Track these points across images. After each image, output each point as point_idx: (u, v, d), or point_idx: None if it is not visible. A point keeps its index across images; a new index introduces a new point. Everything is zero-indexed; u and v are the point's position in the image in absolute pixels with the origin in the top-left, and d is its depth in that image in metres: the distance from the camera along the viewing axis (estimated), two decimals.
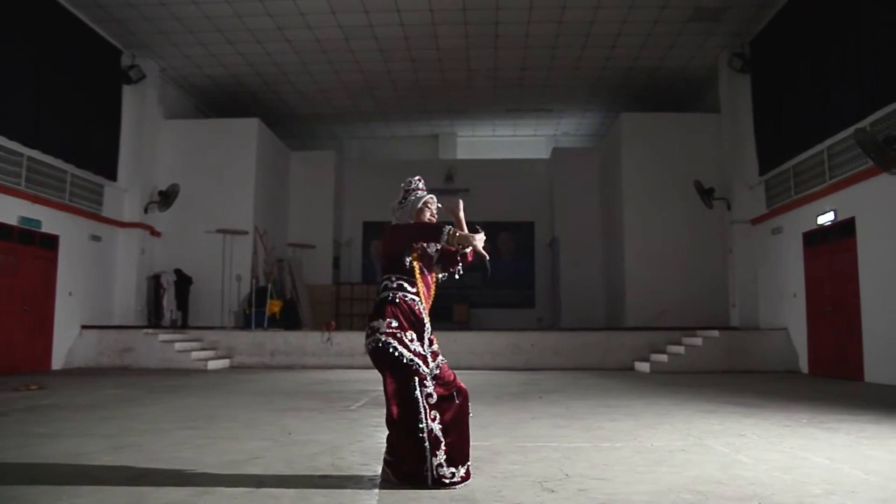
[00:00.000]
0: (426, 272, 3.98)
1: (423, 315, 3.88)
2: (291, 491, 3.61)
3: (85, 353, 13.44)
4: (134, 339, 13.60)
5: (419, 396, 3.70)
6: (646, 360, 13.40)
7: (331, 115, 19.54)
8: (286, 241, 18.98)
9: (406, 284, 3.88)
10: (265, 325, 15.25)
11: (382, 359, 3.75)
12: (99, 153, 14.10)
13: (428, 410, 3.70)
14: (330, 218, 19.89)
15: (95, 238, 13.97)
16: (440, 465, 3.65)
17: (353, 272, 20.80)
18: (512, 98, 17.92)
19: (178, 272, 15.78)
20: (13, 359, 11.77)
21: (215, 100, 17.96)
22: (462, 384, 3.91)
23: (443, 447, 3.67)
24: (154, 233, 15.73)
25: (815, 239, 12.02)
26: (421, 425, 3.65)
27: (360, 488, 3.68)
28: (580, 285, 18.57)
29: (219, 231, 15.74)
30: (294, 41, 14.55)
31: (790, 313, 12.84)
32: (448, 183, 20.59)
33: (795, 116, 12.37)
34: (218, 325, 15.58)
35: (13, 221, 11.68)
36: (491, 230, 16.86)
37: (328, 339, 14.44)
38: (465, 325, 18.94)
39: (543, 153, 20.79)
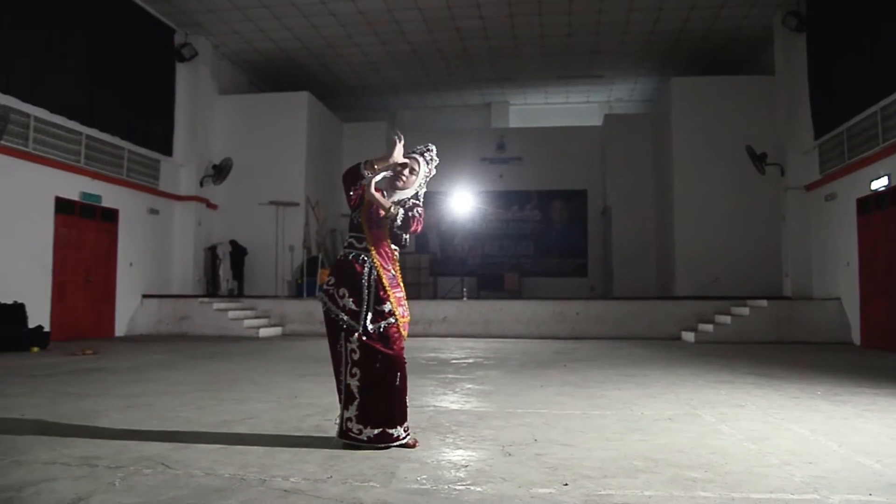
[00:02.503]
0: (378, 227, 3.91)
1: (366, 270, 3.86)
2: (263, 448, 3.83)
3: (146, 320, 14.20)
4: (190, 307, 14.26)
5: (342, 350, 3.86)
6: (692, 329, 13.21)
7: (382, 86, 19.70)
8: (339, 212, 19.36)
9: (354, 241, 3.96)
10: (316, 293, 15.72)
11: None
12: (155, 130, 14.71)
13: (349, 366, 3.83)
14: None
15: (153, 211, 14.65)
16: (350, 419, 3.81)
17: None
18: (561, 65, 17.64)
19: (233, 243, 16.39)
20: (79, 326, 12.58)
21: (268, 74, 18.38)
22: (397, 354, 3.86)
23: (356, 403, 3.80)
24: (210, 205, 16.35)
25: (869, 205, 11.49)
26: (341, 377, 3.85)
27: (328, 447, 3.86)
28: (632, 254, 18.31)
29: (271, 203, 16.22)
30: (338, 14, 14.72)
31: (843, 283, 12.37)
32: (500, 151, 20.58)
33: (849, 76, 11.77)
34: (272, 294, 16.15)
35: (75, 197, 12.39)
36: (543, 198, 16.92)
37: None
38: (516, 294, 19.04)
39: (597, 120, 20.43)
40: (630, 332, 13.63)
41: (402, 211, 3.85)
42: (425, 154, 4.15)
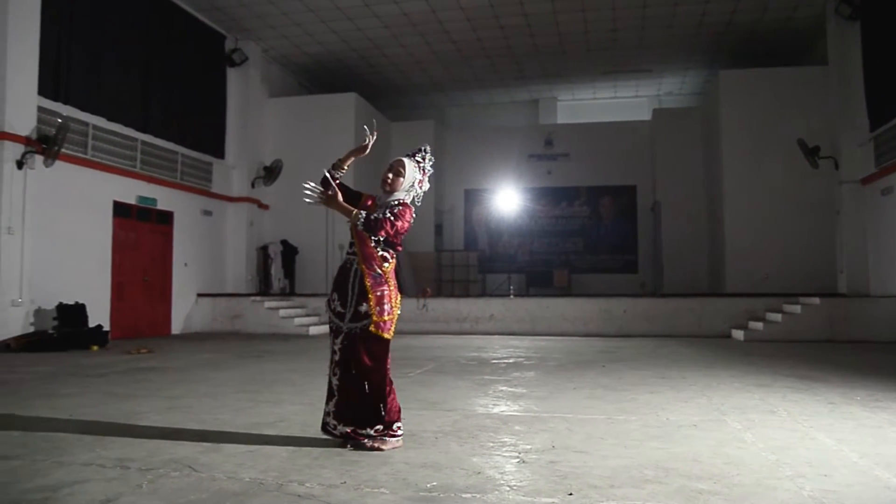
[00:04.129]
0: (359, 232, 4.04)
1: (351, 274, 4.03)
2: (286, 452, 3.99)
3: (200, 319, 14.71)
4: (243, 306, 14.71)
5: (330, 350, 4.11)
6: (742, 327, 12.98)
7: (428, 85, 19.87)
8: None
9: (349, 246, 4.14)
10: None
11: None
12: (207, 134, 15.22)
13: (333, 365, 4.08)
14: (431, 186, 20.12)
15: (207, 213, 15.15)
16: (328, 413, 4.08)
17: (456, 239, 21.23)
18: (607, 60, 17.50)
19: (284, 243, 16.81)
20: (138, 324, 13.13)
21: (316, 76, 18.74)
22: (371, 362, 3.98)
23: (334, 400, 4.04)
24: (261, 206, 16.81)
25: None
26: (329, 373, 4.12)
27: (348, 453, 3.99)
28: (683, 250, 18.07)
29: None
30: (382, 16, 14.91)
31: None
32: (548, 148, 20.51)
33: None
34: (322, 293, 16.47)
35: (132, 200, 12.93)
36: (592, 194, 16.88)
37: (423, 305, 14.95)
38: (565, 291, 18.97)
39: (647, 115, 20.17)
40: (678, 329, 13.48)
41: (363, 214, 3.94)
42: (416, 156, 4.23)
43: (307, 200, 4.14)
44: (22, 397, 5.93)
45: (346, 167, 4.18)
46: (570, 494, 3.21)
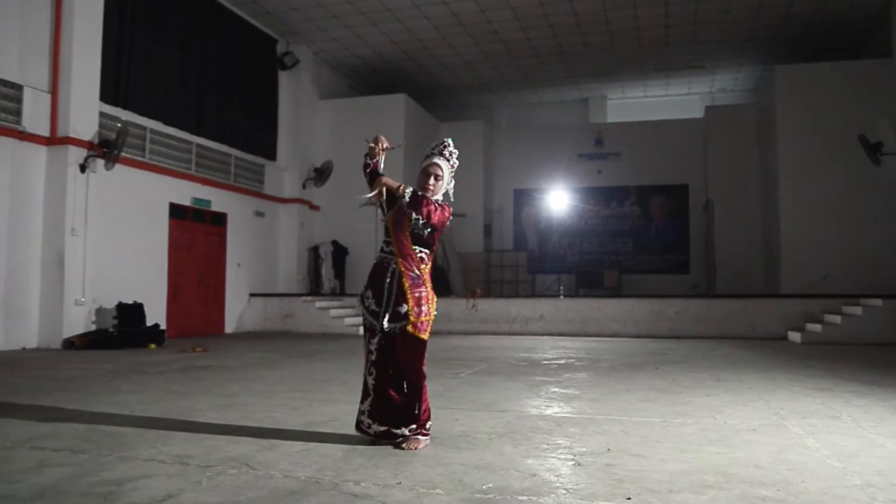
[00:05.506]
0: (399, 230, 4.09)
1: (389, 273, 4.05)
2: (341, 451, 4.02)
3: (253, 318, 14.97)
4: (294, 306, 14.92)
5: (366, 349, 4.09)
6: (799, 329, 12.63)
7: (478, 86, 19.85)
8: None
9: (384, 245, 4.18)
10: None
11: None
12: (259, 136, 15.50)
13: (369, 364, 4.06)
14: (480, 187, 20.26)
15: (259, 214, 15.41)
16: (363, 412, 4.09)
17: (505, 240, 21.17)
18: (659, 57, 17.23)
19: (334, 243, 17.00)
20: (192, 323, 13.42)
21: (367, 78, 18.89)
22: (410, 362, 4.00)
23: (369, 399, 4.05)
24: (312, 207, 17.02)
25: None
26: (364, 372, 4.10)
27: (403, 453, 4.00)
28: (737, 250, 17.66)
29: (371, 203, 16.65)
30: (432, 17, 14.96)
31: None
32: (598, 147, 20.30)
33: None
34: None
35: (187, 202, 13.24)
36: (643, 194, 16.70)
37: (473, 305, 14.96)
38: (615, 292, 18.74)
39: (699, 112, 19.80)
40: (732, 331, 13.19)
41: (410, 189, 3.96)
42: (444, 152, 4.22)
43: (359, 202, 4.22)
44: (87, 393, 6.12)
45: (378, 152, 4.19)
46: (629, 499, 3.15)
